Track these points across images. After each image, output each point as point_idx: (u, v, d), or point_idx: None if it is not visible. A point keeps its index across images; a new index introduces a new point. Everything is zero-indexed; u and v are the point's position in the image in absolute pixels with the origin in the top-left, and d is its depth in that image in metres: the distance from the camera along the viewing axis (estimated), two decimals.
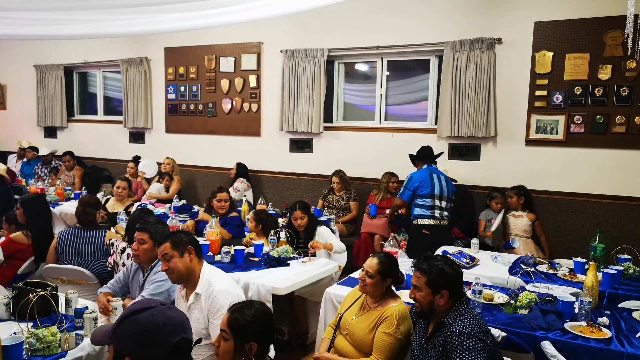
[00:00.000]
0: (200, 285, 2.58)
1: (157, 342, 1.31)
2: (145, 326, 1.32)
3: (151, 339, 1.31)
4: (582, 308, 2.76)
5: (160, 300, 1.42)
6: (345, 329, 2.65)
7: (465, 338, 2.11)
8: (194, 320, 2.53)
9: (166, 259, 2.56)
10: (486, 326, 2.24)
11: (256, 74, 6.76)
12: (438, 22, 5.59)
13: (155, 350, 1.31)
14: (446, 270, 2.28)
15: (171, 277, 2.60)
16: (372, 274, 2.62)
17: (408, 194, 4.65)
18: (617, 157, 4.91)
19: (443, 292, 2.25)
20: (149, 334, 1.32)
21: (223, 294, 2.52)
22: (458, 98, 5.45)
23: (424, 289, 2.29)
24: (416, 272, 2.34)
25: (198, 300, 2.57)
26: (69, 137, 8.58)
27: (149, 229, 2.95)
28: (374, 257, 2.69)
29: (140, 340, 1.31)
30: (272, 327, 1.96)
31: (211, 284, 2.58)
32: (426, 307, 2.30)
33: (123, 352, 1.32)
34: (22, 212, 3.89)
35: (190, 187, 7.39)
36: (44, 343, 2.25)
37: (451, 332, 2.17)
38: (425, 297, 2.29)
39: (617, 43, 4.78)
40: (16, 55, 8.87)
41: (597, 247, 3.71)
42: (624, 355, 2.41)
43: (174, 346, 1.32)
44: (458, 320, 2.20)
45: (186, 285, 2.65)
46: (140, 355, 1.31)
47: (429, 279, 2.27)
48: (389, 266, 2.65)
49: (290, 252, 3.91)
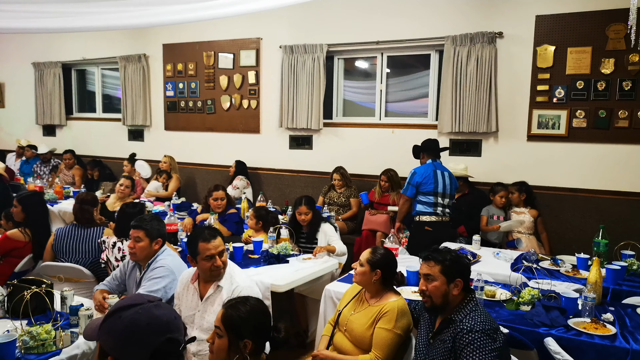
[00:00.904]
0: (224, 280, 2.60)
1: (139, 342, 1.24)
2: (127, 325, 1.26)
3: (133, 339, 1.25)
4: (586, 304, 2.72)
5: (150, 296, 1.35)
6: (344, 326, 2.61)
7: (477, 336, 2.05)
8: (211, 313, 2.53)
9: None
10: (496, 323, 2.18)
11: (255, 70, 6.71)
12: (438, 17, 5.53)
13: (137, 351, 1.24)
14: (459, 258, 2.24)
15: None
16: (362, 263, 2.60)
17: (412, 190, 4.56)
18: (620, 152, 4.85)
19: (457, 281, 2.19)
20: (131, 333, 1.25)
21: (248, 291, 2.54)
22: (459, 93, 5.40)
23: (438, 278, 2.20)
24: (428, 262, 2.25)
25: (219, 292, 2.58)
26: (68, 135, 8.54)
27: (145, 226, 2.91)
28: (370, 249, 2.68)
29: (122, 339, 1.25)
30: (267, 324, 1.92)
31: (234, 279, 2.62)
32: (439, 299, 2.20)
33: (106, 350, 1.26)
34: (19, 210, 3.85)
35: (190, 184, 7.35)
36: (38, 341, 2.22)
37: (461, 329, 2.10)
38: (439, 287, 2.19)
39: (619, 36, 4.73)
40: (14, 53, 8.82)
41: (601, 242, 3.67)
42: (629, 351, 2.37)
43: (157, 348, 1.25)
44: (469, 317, 2.13)
45: (203, 278, 2.64)
46: (122, 354, 1.24)
47: (444, 267, 2.20)
48: (381, 259, 2.60)
49: (290, 249, 3.87)
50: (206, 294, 2.60)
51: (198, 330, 2.57)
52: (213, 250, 2.55)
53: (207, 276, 2.61)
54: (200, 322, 2.57)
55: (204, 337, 2.46)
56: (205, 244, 2.55)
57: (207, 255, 2.55)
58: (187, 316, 2.61)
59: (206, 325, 2.53)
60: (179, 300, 2.71)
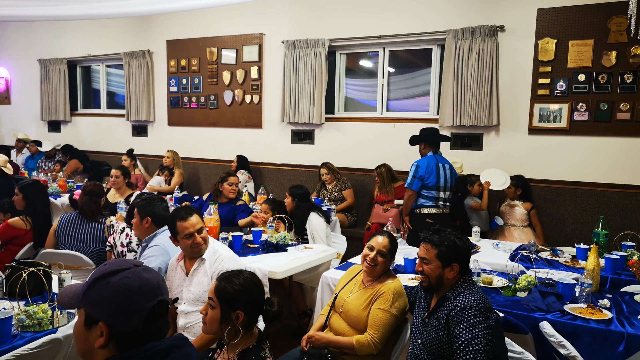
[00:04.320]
0: (207, 253, 2.66)
1: (133, 307, 1.23)
2: (119, 291, 1.23)
3: (126, 305, 1.23)
4: (583, 290, 2.71)
5: (133, 261, 1.35)
6: (341, 307, 2.61)
7: (470, 313, 2.05)
8: (196, 284, 2.60)
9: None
10: (490, 303, 2.18)
11: (257, 66, 6.74)
12: (440, 11, 5.53)
13: (131, 316, 1.23)
14: (457, 243, 2.23)
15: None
16: (385, 253, 2.59)
17: (418, 183, 4.48)
18: (621, 145, 4.83)
19: (453, 266, 2.20)
20: (123, 299, 1.23)
21: (231, 260, 2.64)
22: (460, 87, 5.40)
23: (433, 262, 2.23)
24: (426, 244, 2.27)
25: (202, 264, 2.64)
26: (73, 130, 8.60)
27: (136, 205, 3.11)
28: (383, 236, 2.66)
29: (114, 306, 1.23)
30: (260, 298, 1.93)
31: (217, 250, 2.69)
32: (434, 281, 2.23)
33: (95, 317, 1.24)
34: (20, 198, 3.87)
35: (193, 179, 7.38)
36: (35, 320, 2.24)
37: (455, 305, 2.11)
38: (434, 270, 2.22)
39: (621, 29, 4.71)
40: (21, 50, 8.91)
41: (601, 233, 3.65)
42: (624, 335, 2.36)
43: (151, 311, 1.25)
44: (462, 294, 2.15)
45: (187, 256, 2.71)
46: (115, 321, 1.22)
47: (440, 252, 2.21)
48: (396, 245, 2.67)
49: (289, 239, 3.88)
50: (191, 269, 2.66)
51: (185, 303, 2.62)
52: (191, 229, 2.60)
53: (189, 254, 2.67)
54: (187, 296, 2.62)
55: (190, 309, 2.50)
56: (183, 223, 2.60)
57: (186, 234, 2.60)
58: (176, 293, 2.68)
59: (192, 296, 2.61)
60: (169, 282, 2.75)
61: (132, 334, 1.24)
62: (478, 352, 1.97)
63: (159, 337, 1.28)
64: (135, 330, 1.24)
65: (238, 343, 1.85)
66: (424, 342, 2.23)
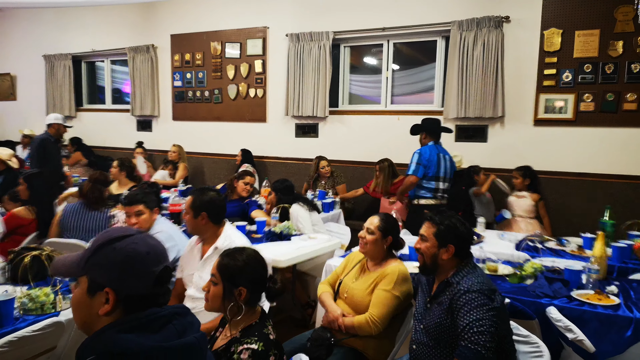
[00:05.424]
0: (221, 240, 2.64)
1: (141, 272, 1.24)
2: (127, 255, 1.24)
3: (134, 269, 1.23)
4: (590, 276, 2.68)
5: (135, 229, 1.35)
6: (345, 293, 2.59)
7: (474, 295, 2.03)
8: (207, 272, 2.55)
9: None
10: (493, 285, 2.16)
11: (262, 59, 6.72)
12: (444, 2, 5.50)
13: (139, 280, 1.23)
14: (458, 225, 2.21)
15: None
16: (373, 230, 2.57)
17: (422, 170, 4.42)
18: (628, 136, 4.78)
19: (449, 247, 2.17)
20: (132, 264, 1.23)
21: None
22: (465, 79, 5.36)
23: (430, 240, 2.22)
24: (428, 222, 2.28)
25: (216, 253, 2.60)
26: (78, 126, 8.58)
27: (143, 199, 2.99)
28: (375, 216, 2.65)
29: (122, 270, 1.23)
30: (263, 274, 1.91)
31: (232, 239, 2.66)
32: (429, 260, 2.22)
33: (101, 283, 1.23)
34: (25, 188, 3.88)
35: (198, 174, 7.38)
36: (37, 303, 2.23)
37: (458, 289, 2.09)
38: (429, 249, 2.21)
39: (628, 18, 4.66)
40: (26, 46, 8.94)
41: (607, 223, 3.61)
42: (632, 320, 2.33)
43: (158, 275, 1.26)
44: (466, 278, 2.13)
45: (204, 240, 2.71)
46: (123, 285, 1.22)
47: (438, 230, 2.20)
48: (390, 225, 2.61)
49: (292, 229, 3.87)
50: (205, 255, 2.64)
51: (195, 289, 2.60)
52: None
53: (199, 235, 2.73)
54: (197, 282, 2.60)
55: (198, 295, 2.48)
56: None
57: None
58: (187, 275, 2.67)
59: (202, 283, 2.55)
60: (183, 261, 2.76)
61: (139, 299, 1.24)
62: (483, 333, 1.95)
63: (161, 304, 1.27)
64: (142, 294, 1.24)
65: (241, 320, 1.84)
66: (427, 327, 2.21)
